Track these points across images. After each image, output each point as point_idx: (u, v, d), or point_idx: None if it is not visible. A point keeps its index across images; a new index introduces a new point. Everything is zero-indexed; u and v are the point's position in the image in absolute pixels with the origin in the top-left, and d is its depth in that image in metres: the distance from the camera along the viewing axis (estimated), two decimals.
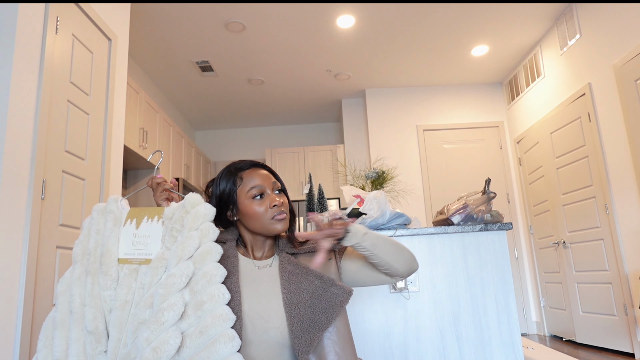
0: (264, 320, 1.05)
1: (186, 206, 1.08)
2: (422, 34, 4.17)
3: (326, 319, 1.04)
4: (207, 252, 1.02)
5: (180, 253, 1.01)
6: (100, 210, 1.13)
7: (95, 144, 2.61)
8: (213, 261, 1.01)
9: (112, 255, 1.06)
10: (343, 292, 1.08)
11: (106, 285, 1.03)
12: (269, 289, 1.11)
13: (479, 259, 1.90)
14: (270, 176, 1.21)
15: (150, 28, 3.86)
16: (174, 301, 0.95)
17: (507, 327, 1.84)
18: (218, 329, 0.93)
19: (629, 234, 3.24)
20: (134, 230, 1.09)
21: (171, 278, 0.97)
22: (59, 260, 2.22)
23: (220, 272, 1.00)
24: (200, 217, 1.06)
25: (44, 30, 2.18)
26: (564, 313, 4.10)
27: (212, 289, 0.97)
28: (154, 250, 1.06)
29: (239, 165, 1.21)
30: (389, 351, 1.83)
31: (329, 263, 1.18)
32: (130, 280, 1.04)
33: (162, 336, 0.91)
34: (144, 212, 1.11)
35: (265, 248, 1.21)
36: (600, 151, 3.48)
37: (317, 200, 2.51)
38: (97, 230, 1.11)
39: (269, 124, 6.52)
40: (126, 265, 1.06)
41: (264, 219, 1.15)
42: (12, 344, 1.86)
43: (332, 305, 1.06)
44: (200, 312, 0.96)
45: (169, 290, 0.96)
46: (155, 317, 0.93)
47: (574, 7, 3.74)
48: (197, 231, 1.04)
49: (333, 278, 1.12)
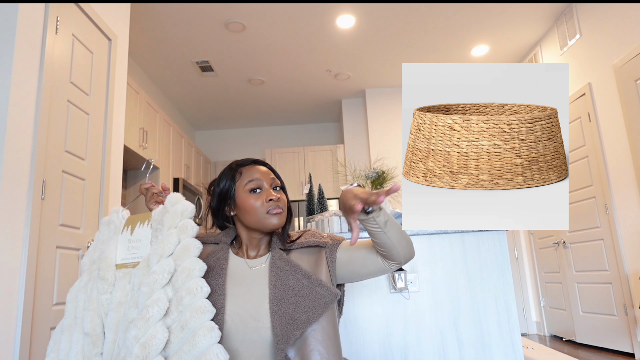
0: (255, 320, 1.05)
1: (166, 206, 1.12)
2: (422, 34, 4.17)
3: (307, 318, 1.04)
4: (185, 247, 1.05)
5: (160, 251, 1.04)
6: (105, 223, 1.22)
7: (95, 144, 2.61)
8: (192, 256, 1.04)
9: (109, 261, 1.12)
10: (329, 293, 1.08)
11: (103, 289, 1.09)
12: (260, 289, 1.11)
13: (479, 259, 1.90)
14: (270, 173, 1.22)
15: (150, 28, 3.86)
16: (157, 297, 0.98)
17: (507, 327, 1.84)
18: (197, 322, 0.95)
19: (629, 234, 3.24)
20: (129, 236, 1.15)
21: (153, 275, 1.00)
22: (59, 260, 2.22)
23: (198, 266, 1.02)
24: (178, 215, 1.09)
25: (44, 30, 2.18)
26: (564, 313, 4.10)
27: (190, 283, 1.00)
28: (145, 253, 1.11)
29: (240, 162, 1.23)
30: (389, 351, 1.83)
31: (319, 261, 1.17)
32: (125, 283, 1.09)
33: (150, 332, 0.94)
34: (138, 219, 1.17)
35: (260, 247, 1.21)
36: (600, 151, 3.48)
37: (317, 200, 2.51)
38: (102, 240, 1.19)
39: (269, 124, 6.52)
40: (122, 269, 1.12)
41: (259, 213, 1.15)
42: (12, 344, 1.86)
43: (316, 305, 1.06)
44: (181, 307, 0.98)
45: (152, 287, 0.99)
46: (141, 314, 0.96)
47: (574, 7, 3.74)
48: (176, 229, 1.08)
49: (322, 279, 1.11)
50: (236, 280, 1.12)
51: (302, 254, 1.19)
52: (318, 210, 2.49)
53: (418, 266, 1.91)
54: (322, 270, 1.15)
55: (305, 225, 2.19)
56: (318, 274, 1.13)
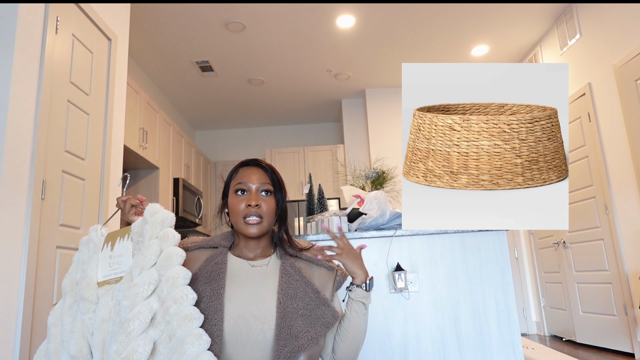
0: (259, 322, 1.04)
1: (146, 217, 1.09)
2: (422, 34, 4.17)
3: (315, 333, 1.04)
4: (168, 256, 1.02)
5: (142, 263, 1.01)
6: (85, 242, 1.17)
7: (95, 144, 2.61)
8: (175, 265, 1.01)
9: (90, 280, 1.09)
10: (332, 315, 1.09)
11: (85, 309, 1.05)
12: (264, 289, 1.10)
13: (479, 259, 1.90)
14: (263, 176, 1.18)
15: (150, 28, 3.86)
16: (138, 310, 0.95)
17: (507, 327, 1.84)
18: (185, 330, 0.93)
19: (629, 234, 3.24)
20: (109, 252, 1.12)
21: (134, 288, 0.97)
22: (59, 260, 2.22)
23: (182, 274, 1.00)
24: (158, 225, 1.06)
25: (44, 30, 2.18)
26: (564, 313, 4.10)
27: (175, 292, 0.97)
28: (127, 267, 1.07)
29: (243, 161, 1.23)
30: (389, 351, 1.83)
31: (327, 282, 1.17)
32: (107, 299, 1.05)
33: (131, 346, 0.92)
34: (117, 234, 1.14)
35: (257, 250, 1.19)
36: (600, 151, 3.48)
37: (317, 200, 2.51)
38: (83, 261, 1.15)
39: (269, 124, 6.52)
40: (104, 287, 1.08)
41: (238, 217, 1.14)
42: (12, 344, 1.86)
43: (320, 323, 1.06)
44: (168, 316, 0.96)
45: (133, 300, 0.96)
46: (122, 328, 0.94)
47: (574, 7, 3.74)
48: (157, 238, 1.05)
49: (328, 298, 1.12)
50: (237, 281, 1.11)
51: (311, 268, 1.18)
52: (318, 210, 2.49)
53: (418, 266, 1.91)
54: (327, 291, 1.15)
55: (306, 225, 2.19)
56: (324, 292, 1.14)
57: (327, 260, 1.20)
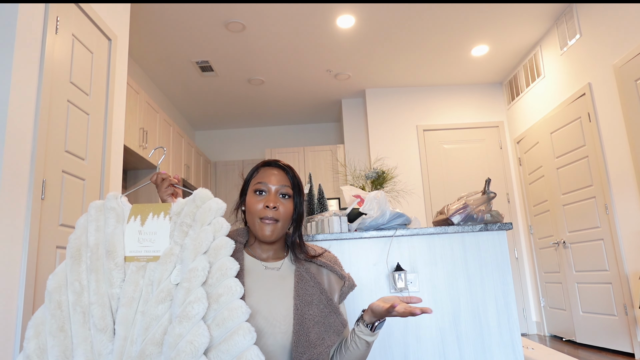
0: (271, 325, 1.04)
1: (196, 201, 1.08)
2: (422, 34, 4.17)
3: (330, 341, 1.04)
4: (221, 246, 1.02)
5: (197, 247, 1.01)
6: (98, 207, 1.10)
7: (95, 144, 2.61)
8: (227, 255, 1.02)
9: (118, 253, 1.04)
10: (340, 323, 1.09)
11: (113, 282, 1.02)
12: (277, 291, 1.09)
13: (479, 259, 1.90)
14: (284, 178, 1.17)
15: (150, 28, 3.86)
16: (199, 294, 0.95)
17: (507, 327, 1.84)
18: (235, 322, 0.94)
19: (629, 234, 3.24)
20: (139, 227, 1.07)
21: (193, 272, 0.97)
22: (59, 260, 2.22)
23: (234, 265, 1.00)
24: (212, 212, 1.06)
25: (44, 30, 2.18)
26: (564, 313, 4.10)
27: (228, 282, 0.98)
28: (161, 247, 1.05)
29: (266, 161, 1.22)
30: (389, 351, 1.83)
31: (335, 289, 1.16)
32: (138, 277, 1.02)
33: (194, 329, 0.92)
34: (149, 209, 1.09)
35: (270, 252, 1.18)
36: (600, 151, 3.48)
37: (317, 200, 2.51)
38: (96, 227, 1.08)
39: (269, 124, 6.52)
40: (133, 263, 1.04)
41: (255, 217, 1.13)
42: (12, 344, 1.86)
43: (332, 331, 1.07)
44: (217, 304, 0.96)
45: (192, 284, 0.96)
46: (185, 311, 0.93)
47: (574, 7, 3.74)
48: (210, 225, 1.04)
49: (337, 305, 1.12)
50: (251, 279, 1.11)
51: (322, 273, 1.17)
52: (318, 210, 2.49)
53: (418, 266, 1.91)
54: (334, 298, 1.15)
55: (306, 225, 2.19)
56: (333, 299, 1.14)
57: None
